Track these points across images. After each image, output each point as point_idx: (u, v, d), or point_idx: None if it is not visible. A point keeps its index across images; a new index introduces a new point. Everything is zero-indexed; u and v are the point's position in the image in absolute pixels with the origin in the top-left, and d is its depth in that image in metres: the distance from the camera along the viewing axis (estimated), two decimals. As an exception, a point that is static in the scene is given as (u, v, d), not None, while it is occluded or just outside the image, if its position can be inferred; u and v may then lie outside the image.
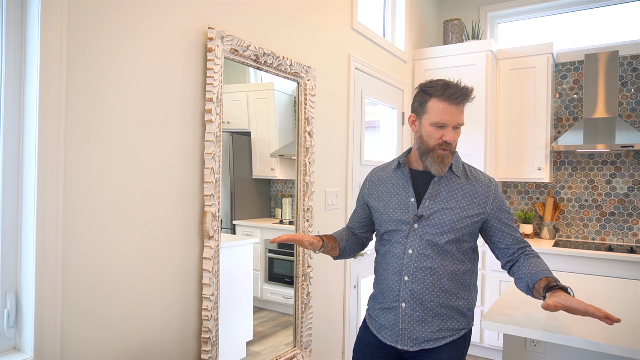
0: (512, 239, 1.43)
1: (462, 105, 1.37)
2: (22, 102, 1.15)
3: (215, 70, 1.56)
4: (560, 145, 3.15)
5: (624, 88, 3.27)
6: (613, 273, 2.84)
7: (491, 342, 3.22)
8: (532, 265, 1.36)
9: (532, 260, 1.38)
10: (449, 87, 1.34)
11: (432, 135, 1.37)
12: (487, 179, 1.46)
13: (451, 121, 1.35)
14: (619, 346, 1.26)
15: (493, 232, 1.44)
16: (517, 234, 1.45)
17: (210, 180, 1.56)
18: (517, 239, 1.44)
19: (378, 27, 3.21)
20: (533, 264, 1.36)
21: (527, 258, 1.40)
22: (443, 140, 1.35)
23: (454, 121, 1.35)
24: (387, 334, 1.45)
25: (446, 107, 1.34)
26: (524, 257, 1.41)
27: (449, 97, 1.34)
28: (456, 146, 1.41)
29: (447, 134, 1.35)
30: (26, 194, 1.15)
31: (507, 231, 1.43)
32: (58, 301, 1.17)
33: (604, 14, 3.46)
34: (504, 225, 1.43)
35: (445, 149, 1.36)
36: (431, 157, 1.38)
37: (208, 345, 1.56)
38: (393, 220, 1.45)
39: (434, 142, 1.37)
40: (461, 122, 1.37)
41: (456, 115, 1.35)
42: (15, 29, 1.14)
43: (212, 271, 1.56)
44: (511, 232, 1.44)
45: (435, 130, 1.36)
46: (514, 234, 1.44)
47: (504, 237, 1.43)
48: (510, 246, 1.43)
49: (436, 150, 1.37)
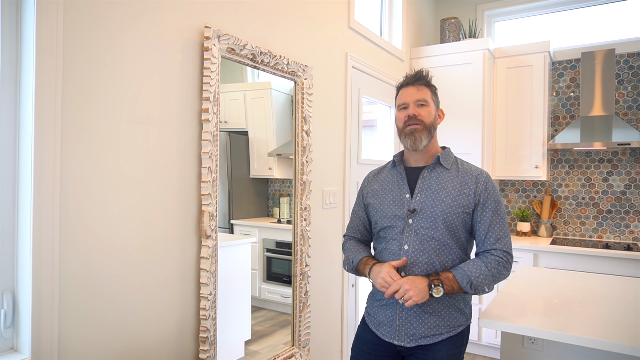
0: (483, 237, 1.40)
1: (419, 85, 1.47)
2: (18, 101, 1.15)
3: (212, 70, 1.55)
4: (558, 143, 3.16)
5: (621, 86, 3.27)
6: (610, 270, 2.85)
7: (489, 340, 3.23)
8: (465, 262, 1.39)
9: (474, 259, 1.40)
10: (407, 76, 1.52)
11: (400, 117, 1.50)
12: (478, 171, 1.46)
13: (409, 99, 1.46)
14: (616, 343, 1.27)
15: (474, 223, 1.43)
16: (493, 234, 1.39)
17: (207, 180, 1.55)
18: (488, 238, 1.39)
19: (375, 26, 3.20)
20: (467, 262, 1.39)
21: (477, 257, 1.40)
22: (407, 116, 1.45)
23: (412, 97, 1.46)
24: (385, 331, 1.46)
25: (404, 90, 1.50)
26: (478, 255, 1.42)
27: (404, 83, 1.51)
28: (429, 124, 1.45)
29: (409, 110, 1.46)
30: (22, 194, 1.14)
31: (482, 228, 1.40)
32: (55, 301, 1.17)
33: (601, 12, 3.47)
34: (483, 221, 1.40)
35: (411, 124, 1.44)
36: (403, 135, 1.47)
37: (206, 345, 1.56)
38: (388, 216, 1.47)
39: (401, 122, 1.48)
40: (421, 97, 1.46)
41: (414, 94, 1.46)
42: (11, 28, 1.13)
43: (209, 270, 1.56)
44: (486, 229, 1.40)
45: (400, 113, 1.50)
46: (490, 233, 1.39)
47: (478, 233, 1.42)
48: (479, 244, 1.43)
49: (405, 128, 1.46)
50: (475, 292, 1.35)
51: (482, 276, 1.34)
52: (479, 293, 1.36)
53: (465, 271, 1.34)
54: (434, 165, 1.47)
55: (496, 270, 1.36)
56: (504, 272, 1.38)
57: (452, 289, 1.34)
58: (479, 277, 1.33)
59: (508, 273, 1.40)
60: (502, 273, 1.38)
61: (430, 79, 1.51)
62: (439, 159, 1.46)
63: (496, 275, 1.36)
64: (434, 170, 1.47)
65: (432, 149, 1.49)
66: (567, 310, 1.56)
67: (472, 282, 1.33)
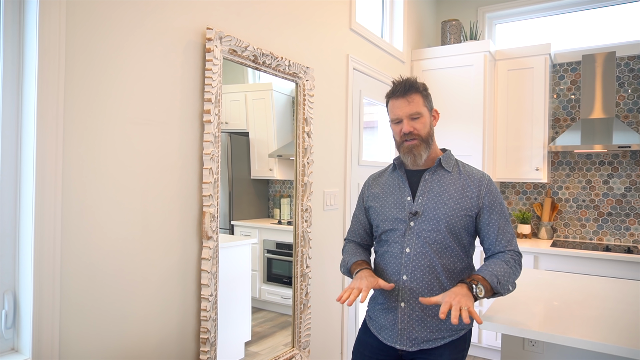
0: (494, 240, 1.41)
1: (410, 97, 1.42)
2: (20, 102, 1.15)
3: (214, 71, 1.56)
4: (558, 145, 3.16)
5: (621, 89, 3.28)
6: (610, 273, 2.85)
7: (489, 342, 3.23)
8: (485, 264, 1.39)
9: (492, 260, 1.40)
10: (394, 85, 1.46)
11: (394, 131, 1.47)
12: (480, 174, 1.46)
13: (401, 113, 1.42)
14: (617, 346, 1.27)
15: (481, 227, 1.43)
16: (504, 237, 1.40)
17: (208, 181, 1.56)
18: (500, 241, 1.40)
19: (376, 28, 3.21)
20: (487, 263, 1.39)
21: (494, 258, 1.40)
22: (403, 132, 1.42)
23: (404, 112, 1.42)
24: (387, 335, 1.45)
25: (394, 103, 1.45)
26: (492, 257, 1.42)
27: (393, 94, 1.45)
28: (426, 135, 1.43)
29: (404, 125, 1.42)
30: (24, 194, 1.14)
31: (491, 232, 1.41)
32: (56, 302, 1.17)
33: (602, 15, 3.47)
34: (491, 224, 1.41)
35: (409, 140, 1.42)
36: (402, 152, 1.46)
37: (207, 346, 1.56)
38: (390, 219, 1.46)
39: (397, 137, 1.46)
40: (414, 111, 1.41)
41: (405, 107, 1.42)
42: (14, 29, 1.14)
43: (210, 272, 1.56)
44: (496, 232, 1.40)
45: (395, 127, 1.47)
46: (500, 235, 1.40)
47: (488, 236, 1.42)
48: (490, 247, 1.43)
49: (403, 144, 1.45)
50: (502, 290, 1.34)
51: (507, 274, 1.34)
52: (503, 293, 1.35)
53: (491, 271, 1.33)
54: (435, 168, 1.46)
55: (515, 268, 1.38)
56: (519, 270, 1.40)
57: (486, 290, 1.31)
58: (504, 275, 1.33)
59: (520, 272, 1.42)
60: (519, 271, 1.40)
61: (420, 85, 1.45)
62: (441, 162, 1.46)
63: (516, 274, 1.38)
64: (436, 173, 1.46)
65: (432, 153, 1.49)
66: (567, 313, 1.56)
67: (499, 280, 1.32)
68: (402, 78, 1.47)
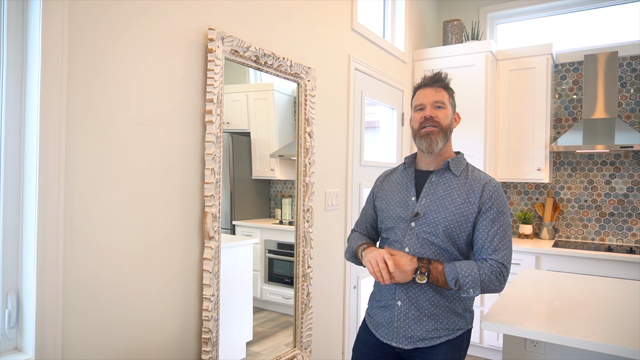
0: (481, 245, 1.36)
1: (437, 87, 1.46)
2: (24, 102, 1.15)
3: (216, 71, 1.56)
4: (560, 145, 3.15)
5: (624, 89, 3.27)
6: (612, 273, 2.84)
7: (491, 343, 3.23)
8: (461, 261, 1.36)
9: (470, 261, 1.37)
10: (424, 77, 1.52)
11: (416, 118, 1.49)
12: (487, 179, 1.42)
13: (426, 100, 1.46)
14: (619, 346, 1.27)
15: (474, 230, 1.39)
16: (491, 245, 1.34)
17: (210, 181, 1.56)
18: (487, 249, 1.35)
19: (378, 28, 3.21)
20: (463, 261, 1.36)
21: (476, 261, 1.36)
22: (423, 117, 1.44)
23: (430, 98, 1.45)
24: (383, 332, 1.46)
25: (421, 92, 1.49)
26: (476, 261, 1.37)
27: (422, 84, 1.51)
28: (446, 126, 1.44)
29: (426, 111, 1.45)
30: (27, 194, 1.15)
31: (481, 237, 1.36)
32: (59, 302, 1.17)
33: (604, 15, 3.46)
34: (482, 229, 1.36)
35: (428, 125, 1.43)
36: (419, 137, 1.46)
37: (208, 346, 1.56)
38: (392, 217, 1.48)
39: (417, 123, 1.47)
40: (439, 99, 1.45)
41: (432, 95, 1.46)
42: (17, 29, 1.14)
43: (212, 272, 1.56)
44: (485, 239, 1.35)
45: (417, 113, 1.49)
46: (488, 243, 1.35)
47: (476, 241, 1.38)
48: (476, 253, 1.39)
49: (420, 130, 1.46)
50: (459, 291, 1.31)
51: (471, 277, 1.30)
52: (462, 294, 1.32)
53: (455, 267, 1.32)
54: (442, 170, 1.45)
55: (487, 277, 1.31)
56: (496, 283, 1.32)
57: (436, 281, 1.33)
58: (467, 277, 1.30)
59: (500, 286, 1.34)
60: (494, 283, 1.32)
61: (449, 82, 1.50)
62: (449, 165, 1.44)
63: (486, 282, 1.31)
64: (443, 175, 1.45)
65: (445, 153, 1.47)
66: (569, 313, 1.56)
67: (458, 280, 1.30)
68: (433, 72, 1.52)
